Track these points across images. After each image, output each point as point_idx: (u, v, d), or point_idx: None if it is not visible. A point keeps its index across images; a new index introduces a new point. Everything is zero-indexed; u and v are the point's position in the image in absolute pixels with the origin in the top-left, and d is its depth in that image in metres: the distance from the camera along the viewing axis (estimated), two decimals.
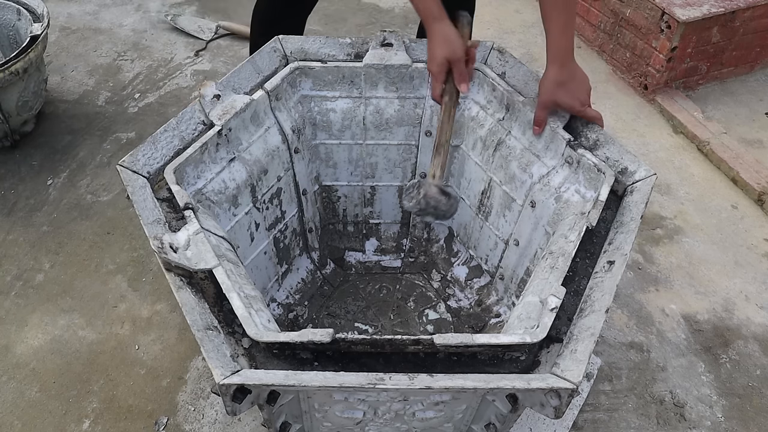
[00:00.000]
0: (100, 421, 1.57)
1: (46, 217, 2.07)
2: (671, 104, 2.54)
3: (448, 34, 1.33)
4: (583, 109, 1.34)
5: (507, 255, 1.57)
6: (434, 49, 1.34)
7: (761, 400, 1.66)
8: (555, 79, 1.32)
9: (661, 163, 2.35)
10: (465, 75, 1.37)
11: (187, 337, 1.73)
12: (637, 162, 1.28)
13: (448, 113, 1.37)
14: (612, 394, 1.65)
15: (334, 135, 1.60)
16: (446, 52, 1.33)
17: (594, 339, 0.98)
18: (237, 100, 1.36)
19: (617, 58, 2.75)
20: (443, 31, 1.33)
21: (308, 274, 1.76)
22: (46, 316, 1.79)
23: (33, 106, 2.26)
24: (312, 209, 1.70)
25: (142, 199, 1.16)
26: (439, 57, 1.33)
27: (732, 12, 2.41)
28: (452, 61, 1.34)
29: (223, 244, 1.20)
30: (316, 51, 1.51)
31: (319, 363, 1.05)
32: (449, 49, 1.33)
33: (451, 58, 1.33)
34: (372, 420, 1.12)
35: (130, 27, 3.00)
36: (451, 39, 1.33)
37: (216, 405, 1.59)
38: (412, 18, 3.14)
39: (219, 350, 0.98)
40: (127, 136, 2.39)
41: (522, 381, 0.93)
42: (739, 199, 2.21)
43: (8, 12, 2.27)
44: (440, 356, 1.07)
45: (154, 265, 1.92)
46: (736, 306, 1.88)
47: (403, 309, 1.74)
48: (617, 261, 1.10)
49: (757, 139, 2.45)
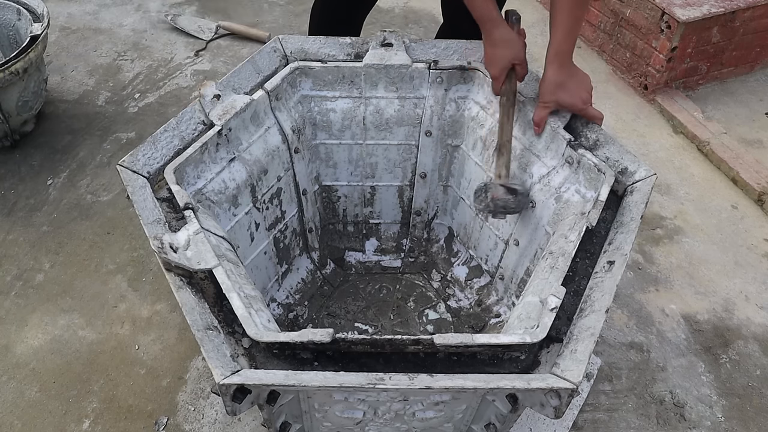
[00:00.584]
0: (100, 421, 1.57)
1: (46, 217, 2.07)
2: (671, 104, 2.54)
3: (510, 38, 1.38)
4: (585, 107, 1.35)
5: (507, 255, 1.57)
6: (498, 52, 1.38)
7: (761, 400, 1.66)
8: (555, 80, 1.33)
9: (661, 163, 2.35)
10: (526, 72, 1.42)
11: (187, 337, 1.73)
12: (637, 162, 1.28)
13: (506, 113, 1.39)
14: (612, 394, 1.65)
15: (334, 135, 1.60)
16: (511, 55, 1.37)
17: (594, 339, 0.98)
18: (237, 100, 1.36)
19: (617, 58, 2.75)
20: (504, 35, 1.38)
21: (308, 274, 1.76)
22: (46, 316, 1.79)
23: (33, 106, 2.26)
24: (312, 209, 1.70)
25: (142, 199, 1.16)
26: (504, 60, 1.37)
27: (732, 12, 2.41)
28: (517, 63, 1.38)
29: (223, 244, 1.20)
30: (316, 51, 1.51)
31: (319, 363, 1.05)
32: (513, 53, 1.37)
33: (516, 60, 1.37)
34: (372, 420, 1.12)
35: (130, 27, 3.00)
36: (513, 42, 1.38)
37: (216, 405, 1.59)
38: (412, 18, 3.15)
39: (219, 350, 0.98)
40: (127, 136, 2.39)
41: (522, 381, 0.93)
42: (739, 199, 2.21)
43: (8, 12, 2.27)
44: (440, 356, 1.07)
45: (154, 265, 1.92)
46: (736, 306, 1.88)
47: (403, 309, 1.74)
48: (617, 261, 1.10)
49: (757, 139, 2.45)
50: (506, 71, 1.38)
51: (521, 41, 1.40)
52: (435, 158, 1.65)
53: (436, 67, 1.49)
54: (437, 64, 1.49)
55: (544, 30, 3.05)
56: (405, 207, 1.78)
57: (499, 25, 1.38)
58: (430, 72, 1.50)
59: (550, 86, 1.33)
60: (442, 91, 1.54)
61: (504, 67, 1.38)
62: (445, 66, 1.50)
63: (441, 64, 1.50)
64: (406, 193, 1.75)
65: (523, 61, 1.40)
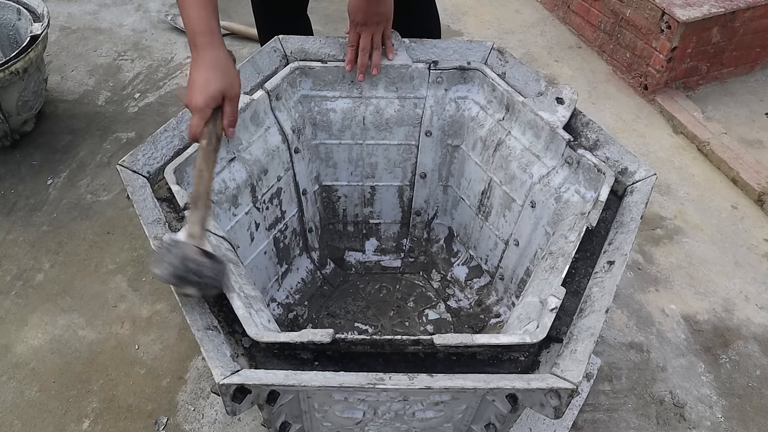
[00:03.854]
0: (100, 420, 1.57)
1: (46, 216, 2.07)
2: (671, 104, 2.54)
3: (224, 63, 1.11)
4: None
5: (507, 255, 1.57)
6: (207, 78, 1.08)
7: (761, 401, 1.66)
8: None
9: (661, 163, 2.35)
10: (236, 116, 1.14)
11: (187, 337, 1.73)
12: (637, 162, 1.28)
13: (206, 160, 1.09)
14: (612, 394, 1.65)
15: (334, 135, 1.60)
16: (224, 84, 1.09)
17: (594, 339, 0.98)
18: None
19: (617, 58, 2.75)
20: (222, 58, 1.11)
21: (308, 274, 1.76)
22: (46, 315, 1.79)
23: (33, 106, 2.26)
24: (312, 209, 1.70)
25: (142, 199, 1.16)
26: (214, 89, 1.08)
27: (732, 12, 2.41)
28: (228, 97, 1.10)
29: (223, 244, 1.20)
30: (317, 51, 1.51)
31: (319, 363, 1.05)
32: (226, 82, 1.09)
33: (227, 93, 1.10)
34: (372, 420, 1.12)
35: (130, 27, 3.00)
36: (228, 69, 1.11)
37: (216, 405, 1.59)
38: None
39: (219, 350, 0.98)
40: (127, 136, 2.39)
41: (522, 381, 0.93)
42: (739, 200, 2.21)
43: (8, 12, 2.27)
44: (440, 356, 1.07)
45: None
46: (736, 306, 1.88)
47: (403, 309, 1.74)
48: (617, 261, 1.10)
49: (757, 140, 2.45)
50: (214, 105, 1.09)
51: (236, 72, 1.14)
52: (435, 158, 1.65)
53: (436, 67, 1.49)
54: (437, 65, 1.49)
55: (544, 30, 3.05)
56: (405, 207, 1.78)
57: (217, 44, 1.11)
58: (430, 72, 1.50)
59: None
60: (442, 91, 1.54)
61: (213, 97, 1.08)
62: (445, 66, 1.50)
63: (441, 65, 1.50)
64: (406, 193, 1.75)
65: (235, 99, 1.12)
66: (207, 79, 1.08)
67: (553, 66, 2.79)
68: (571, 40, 2.97)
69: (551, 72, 2.76)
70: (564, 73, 2.76)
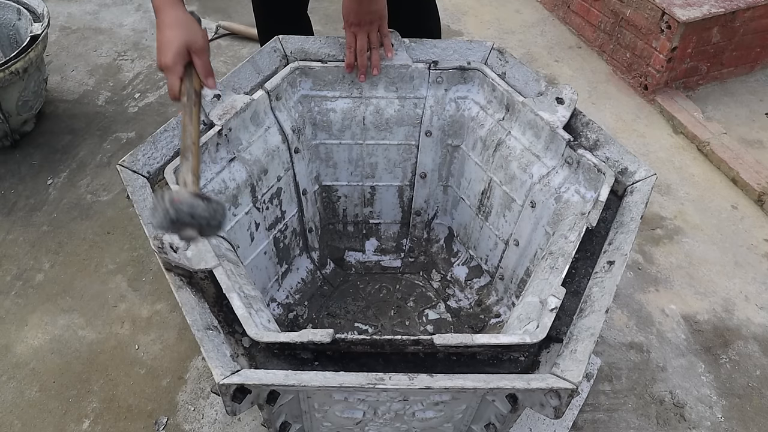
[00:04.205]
0: (100, 420, 1.57)
1: (46, 216, 2.07)
2: (671, 104, 2.54)
3: (184, 20, 1.13)
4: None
5: (507, 255, 1.57)
6: (169, 36, 1.10)
7: (761, 401, 1.66)
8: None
9: (661, 163, 2.35)
10: (209, 67, 1.15)
11: (187, 337, 1.73)
12: (637, 162, 1.28)
13: (189, 114, 1.11)
14: (612, 394, 1.65)
15: (334, 135, 1.60)
16: (185, 37, 1.11)
17: (594, 339, 0.98)
18: (237, 99, 1.36)
19: (617, 58, 2.75)
20: (180, 16, 1.13)
21: (308, 274, 1.76)
22: (46, 315, 1.79)
23: (33, 106, 2.26)
24: (312, 209, 1.70)
25: (142, 199, 1.16)
26: (177, 43, 1.10)
27: (732, 12, 2.41)
28: (193, 50, 1.12)
29: (223, 244, 1.20)
30: (317, 51, 1.51)
31: (319, 363, 1.05)
32: (189, 35, 1.11)
33: (191, 45, 1.11)
34: (372, 420, 1.12)
35: (130, 27, 3.00)
36: (188, 24, 1.13)
37: (216, 405, 1.59)
38: None
39: (219, 350, 0.98)
40: (127, 136, 2.39)
41: (522, 381, 0.93)
42: (739, 200, 2.21)
43: (8, 11, 2.27)
44: (440, 356, 1.07)
45: (154, 265, 1.92)
46: (736, 306, 1.88)
47: (403, 309, 1.74)
48: (617, 261, 1.10)
49: (757, 140, 2.45)
50: (182, 60, 1.11)
51: (200, 27, 1.16)
52: (435, 158, 1.65)
53: (436, 67, 1.49)
54: (437, 64, 1.49)
55: (544, 30, 3.05)
56: (405, 207, 1.78)
57: (176, 4, 1.15)
58: (430, 72, 1.50)
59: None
60: (442, 91, 1.54)
61: (178, 52, 1.10)
62: (445, 66, 1.50)
63: (441, 64, 1.50)
64: (406, 193, 1.75)
65: (203, 50, 1.13)
66: (169, 37, 1.11)
67: (553, 66, 2.79)
68: (571, 40, 2.97)
69: (551, 72, 2.76)
70: (564, 73, 2.76)
